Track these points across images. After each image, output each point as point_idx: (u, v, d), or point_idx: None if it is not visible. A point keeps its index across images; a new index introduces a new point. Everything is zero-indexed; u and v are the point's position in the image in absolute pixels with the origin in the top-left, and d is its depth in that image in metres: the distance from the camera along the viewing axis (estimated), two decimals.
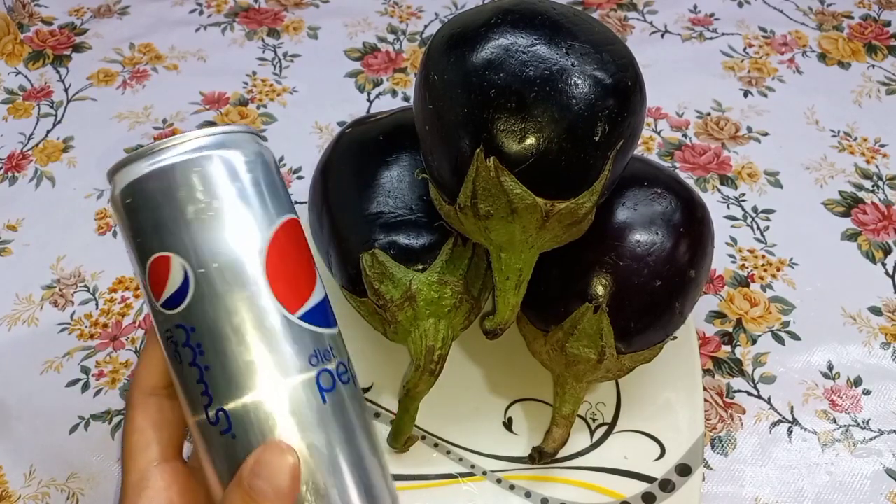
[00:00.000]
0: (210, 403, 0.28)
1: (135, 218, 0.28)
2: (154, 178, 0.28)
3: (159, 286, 0.28)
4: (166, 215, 0.28)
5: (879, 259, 0.55)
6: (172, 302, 0.28)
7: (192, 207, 0.28)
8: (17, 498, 0.45)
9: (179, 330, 0.28)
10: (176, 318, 0.28)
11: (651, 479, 0.43)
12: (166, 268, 0.28)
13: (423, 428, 0.45)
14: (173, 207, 0.28)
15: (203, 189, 0.28)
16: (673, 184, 0.44)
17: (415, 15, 0.75)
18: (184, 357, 0.28)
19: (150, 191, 0.28)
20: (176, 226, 0.28)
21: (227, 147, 0.29)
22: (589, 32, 0.38)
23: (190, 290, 0.28)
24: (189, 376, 0.28)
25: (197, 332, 0.28)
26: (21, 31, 0.72)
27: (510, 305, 0.39)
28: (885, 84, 0.68)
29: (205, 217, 0.28)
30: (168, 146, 0.28)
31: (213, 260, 0.28)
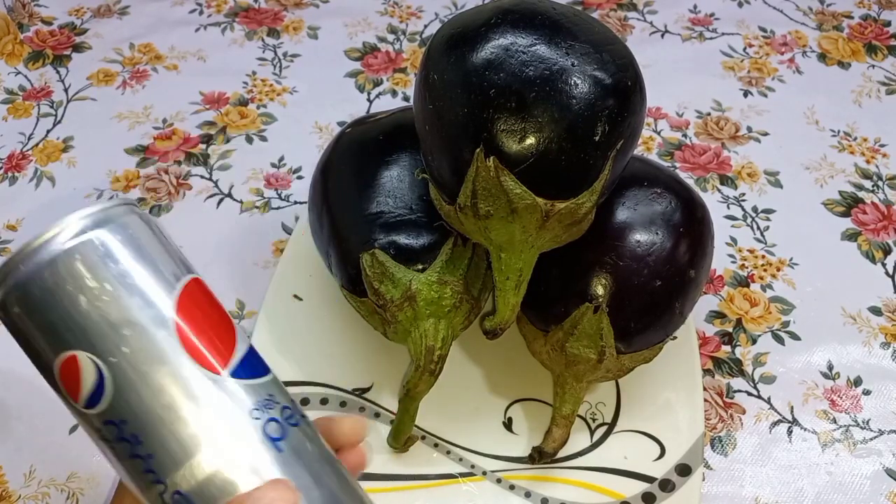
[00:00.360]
0: (165, 490, 0.26)
1: (27, 324, 0.27)
2: (37, 279, 0.26)
3: (74, 387, 0.26)
4: (60, 313, 0.26)
5: (879, 259, 0.55)
6: (93, 400, 0.26)
7: (83, 298, 0.26)
8: (17, 498, 0.45)
9: (109, 426, 0.26)
10: (103, 416, 0.26)
11: (651, 479, 0.43)
12: (76, 367, 0.26)
13: (423, 428, 0.45)
14: (65, 303, 0.26)
15: (90, 276, 0.26)
16: (673, 184, 0.44)
17: (415, 15, 0.75)
18: (121, 452, 0.26)
19: (37, 292, 0.26)
20: (73, 322, 0.26)
21: (104, 225, 0.27)
22: (589, 32, 0.38)
23: (107, 384, 0.26)
24: (133, 469, 0.26)
25: (128, 423, 0.26)
26: (21, 31, 0.72)
27: (510, 305, 0.39)
28: (884, 84, 0.68)
29: (100, 304, 0.26)
30: (42, 241, 0.26)
31: (121, 345, 0.26)
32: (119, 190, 0.60)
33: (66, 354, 0.26)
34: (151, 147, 0.63)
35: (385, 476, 0.43)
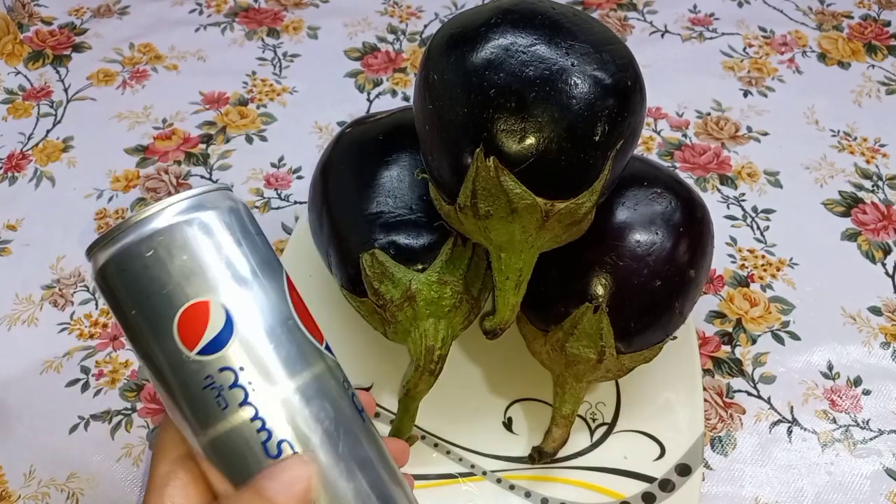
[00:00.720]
0: (269, 438, 0.28)
1: (155, 273, 0.28)
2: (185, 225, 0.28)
3: (194, 335, 0.28)
4: (200, 261, 0.28)
5: (879, 259, 0.55)
6: (215, 346, 0.28)
7: (227, 246, 0.29)
8: (17, 498, 0.45)
9: (225, 373, 0.28)
10: (220, 362, 0.27)
11: (651, 479, 0.43)
12: (204, 313, 0.28)
13: (422, 428, 0.45)
14: (201, 254, 0.28)
15: (231, 232, 0.29)
16: (673, 184, 0.44)
17: (414, 15, 0.75)
18: (231, 400, 0.28)
19: (185, 236, 0.28)
20: (207, 272, 0.28)
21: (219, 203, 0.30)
22: (589, 32, 0.38)
23: (235, 329, 0.28)
24: (238, 418, 0.28)
25: (246, 370, 0.28)
26: (21, 31, 0.72)
27: (510, 305, 0.39)
28: (884, 84, 0.68)
29: (234, 259, 0.29)
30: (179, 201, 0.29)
31: (249, 298, 0.28)
32: (119, 190, 0.60)
33: (194, 301, 0.27)
34: (151, 147, 0.63)
35: None
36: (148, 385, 0.49)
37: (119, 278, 0.28)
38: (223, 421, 0.28)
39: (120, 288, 0.28)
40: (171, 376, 0.28)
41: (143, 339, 0.28)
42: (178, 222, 0.28)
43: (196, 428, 0.28)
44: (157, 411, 0.48)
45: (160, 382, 0.29)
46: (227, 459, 0.28)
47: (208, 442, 0.28)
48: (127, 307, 0.28)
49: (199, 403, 0.28)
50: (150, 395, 0.49)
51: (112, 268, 0.28)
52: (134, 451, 0.47)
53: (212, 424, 0.28)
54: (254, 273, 0.29)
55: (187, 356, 0.27)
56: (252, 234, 0.30)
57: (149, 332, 0.28)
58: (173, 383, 0.28)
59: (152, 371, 0.29)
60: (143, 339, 0.28)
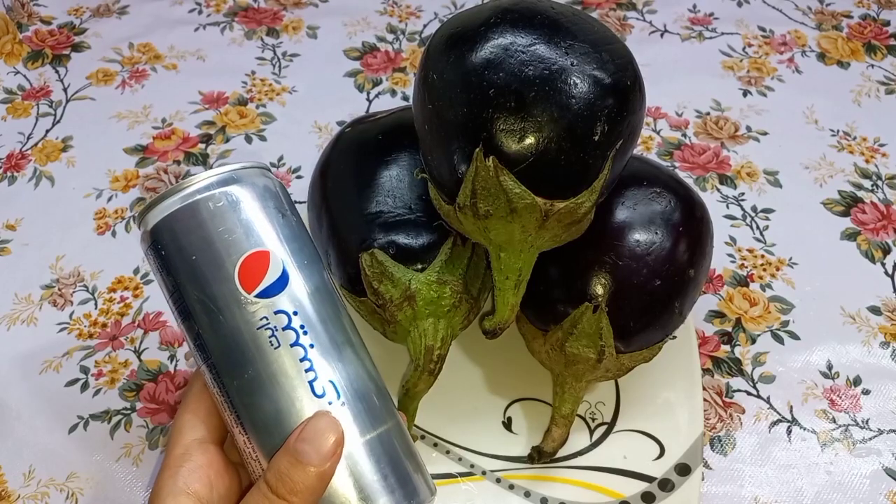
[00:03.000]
0: (316, 378, 0.31)
1: (221, 224, 0.31)
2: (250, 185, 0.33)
3: (254, 279, 0.31)
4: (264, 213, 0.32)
5: (879, 258, 0.55)
6: (272, 290, 0.31)
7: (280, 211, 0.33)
8: (17, 497, 0.45)
9: (280, 315, 0.31)
10: (275, 305, 0.31)
11: (650, 479, 0.43)
12: (264, 261, 0.31)
13: (422, 427, 0.45)
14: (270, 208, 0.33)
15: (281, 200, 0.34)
16: (672, 183, 0.44)
17: (414, 14, 0.75)
18: (283, 340, 0.31)
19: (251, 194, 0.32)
20: (270, 225, 0.32)
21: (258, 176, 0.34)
22: (588, 32, 0.38)
23: (290, 278, 0.31)
24: (289, 357, 0.31)
25: (299, 314, 0.31)
26: (20, 31, 0.72)
27: (509, 305, 0.39)
28: (884, 84, 0.68)
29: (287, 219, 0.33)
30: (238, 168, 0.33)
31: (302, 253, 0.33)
32: (118, 190, 0.60)
33: (257, 250, 0.31)
34: (151, 147, 0.63)
35: None
36: (147, 385, 0.49)
37: (183, 228, 0.32)
38: (275, 360, 0.31)
39: (183, 236, 0.31)
40: (225, 317, 0.31)
41: (201, 284, 0.31)
42: (245, 182, 0.32)
43: (240, 370, 0.31)
44: (156, 411, 0.48)
45: (209, 328, 0.31)
46: (271, 400, 0.31)
47: (252, 382, 0.31)
48: (187, 254, 0.31)
49: (250, 343, 0.31)
50: (150, 395, 0.49)
51: (176, 219, 0.32)
52: (133, 451, 0.47)
53: (262, 362, 0.31)
54: (301, 234, 0.33)
55: (245, 297, 0.31)
56: (292, 205, 0.34)
57: (209, 276, 0.31)
58: (226, 325, 0.31)
59: (204, 317, 0.31)
60: (201, 285, 0.31)
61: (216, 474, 0.32)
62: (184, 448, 0.32)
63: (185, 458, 0.32)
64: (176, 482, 0.31)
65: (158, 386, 0.49)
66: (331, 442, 0.29)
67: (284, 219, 0.33)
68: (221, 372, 0.31)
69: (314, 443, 0.29)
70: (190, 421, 0.33)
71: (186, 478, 0.31)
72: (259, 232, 0.32)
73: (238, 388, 0.31)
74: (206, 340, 0.31)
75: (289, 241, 0.32)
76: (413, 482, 0.32)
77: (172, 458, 0.32)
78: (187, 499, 0.31)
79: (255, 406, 0.31)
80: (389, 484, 0.31)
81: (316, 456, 0.29)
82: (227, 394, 0.31)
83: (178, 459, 0.32)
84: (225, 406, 0.32)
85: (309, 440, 0.29)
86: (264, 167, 0.34)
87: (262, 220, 0.32)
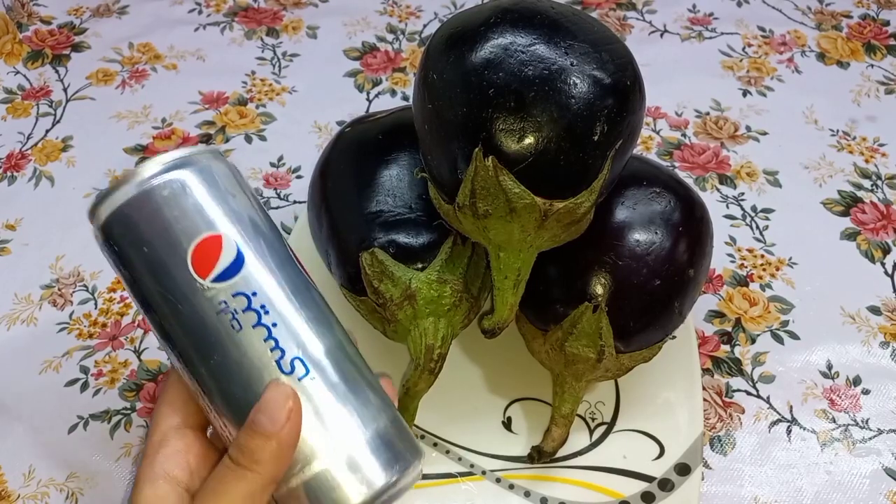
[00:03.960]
0: (283, 356, 0.31)
1: (169, 212, 0.31)
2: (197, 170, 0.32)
3: (208, 264, 0.31)
4: (213, 196, 0.32)
5: (878, 258, 0.55)
6: (227, 274, 0.31)
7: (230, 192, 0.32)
8: (17, 497, 0.45)
9: (239, 297, 0.30)
10: (233, 288, 0.31)
11: (650, 479, 0.43)
12: (216, 245, 0.31)
13: (422, 427, 0.45)
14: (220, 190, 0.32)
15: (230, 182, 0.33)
16: (672, 183, 0.44)
17: (414, 14, 0.75)
18: (245, 322, 0.30)
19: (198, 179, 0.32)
20: (221, 208, 0.32)
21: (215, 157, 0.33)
22: (588, 32, 0.38)
23: (245, 259, 0.31)
24: (253, 339, 0.30)
25: (259, 294, 0.31)
26: (20, 31, 0.72)
27: (508, 305, 0.39)
28: (883, 83, 0.68)
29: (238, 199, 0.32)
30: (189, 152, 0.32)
31: (258, 234, 0.32)
32: None
33: (208, 234, 0.31)
34: (150, 147, 0.63)
35: None
36: (147, 384, 0.49)
37: (133, 220, 0.31)
38: (238, 342, 0.30)
39: (134, 229, 0.31)
40: (184, 306, 0.31)
41: (156, 275, 0.31)
42: (186, 170, 0.32)
43: (206, 356, 0.31)
44: None
45: (170, 318, 0.31)
46: (240, 382, 0.31)
47: (220, 367, 0.31)
48: (139, 246, 0.31)
49: (212, 329, 0.30)
50: (150, 395, 0.49)
51: (126, 211, 0.31)
52: (133, 451, 0.47)
53: (227, 347, 0.30)
54: (256, 213, 0.33)
55: (202, 284, 0.30)
56: (248, 189, 0.34)
57: (162, 266, 0.31)
58: (186, 313, 0.31)
59: (162, 308, 0.31)
60: (155, 276, 0.31)
61: (196, 458, 0.32)
62: (161, 435, 0.32)
63: (162, 444, 0.32)
64: (153, 468, 0.31)
65: (158, 386, 0.49)
66: (285, 410, 0.30)
67: (235, 199, 0.32)
68: (189, 360, 0.31)
69: (268, 412, 0.30)
70: (166, 409, 0.33)
71: (164, 463, 0.31)
72: (209, 216, 0.31)
73: (207, 373, 0.31)
74: (170, 330, 0.31)
75: (241, 222, 0.32)
76: (396, 446, 0.32)
77: (150, 446, 0.32)
78: (165, 483, 0.31)
79: (225, 390, 0.31)
80: (372, 447, 0.31)
81: (271, 425, 0.29)
82: (198, 380, 0.31)
83: (156, 446, 0.32)
84: (198, 392, 0.32)
85: (263, 410, 0.30)
86: (213, 150, 0.34)
87: (212, 203, 0.31)
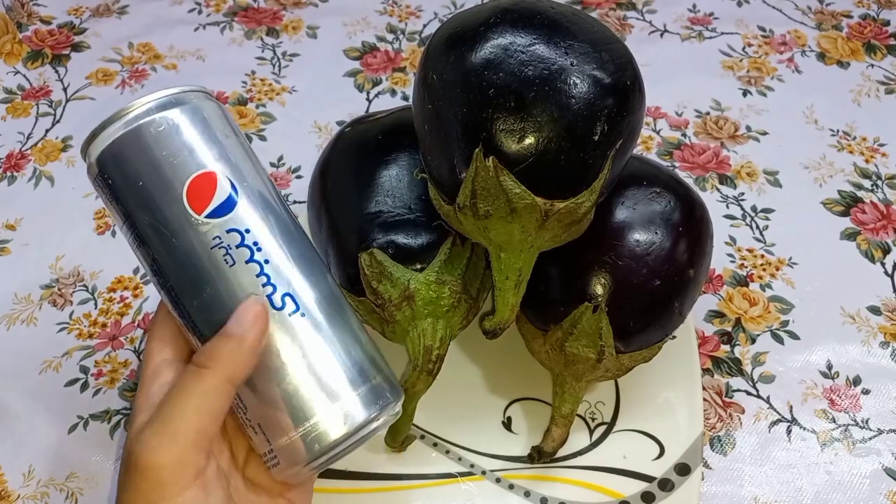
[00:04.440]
0: (274, 291, 0.32)
1: (166, 147, 0.31)
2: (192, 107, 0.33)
3: (203, 200, 0.31)
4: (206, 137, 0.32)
5: (878, 258, 0.55)
6: (222, 210, 0.32)
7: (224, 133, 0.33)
8: (17, 497, 0.45)
9: (232, 234, 0.31)
10: (227, 224, 0.31)
11: (650, 479, 0.43)
12: (211, 182, 0.32)
13: (421, 427, 0.45)
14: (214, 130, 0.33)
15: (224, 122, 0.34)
16: (672, 183, 0.44)
17: (414, 14, 0.75)
18: (238, 258, 0.31)
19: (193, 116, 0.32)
20: (216, 146, 0.32)
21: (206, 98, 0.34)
22: (588, 32, 0.38)
23: (239, 197, 0.32)
24: (246, 274, 0.31)
25: (252, 231, 0.32)
26: (19, 31, 0.72)
27: (509, 305, 0.39)
28: (883, 83, 0.68)
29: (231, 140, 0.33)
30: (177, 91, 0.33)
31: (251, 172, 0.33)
32: None
33: (203, 171, 0.32)
34: None
35: (383, 476, 0.43)
36: None
37: (128, 154, 0.32)
38: (231, 277, 0.31)
39: (129, 163, 0.32)
40: (178, 240, 0.31)
41: (151, 209, 0.31)
42: (184, 106, 0.32)
43: (198, 291, 0.32)
44: None
45: (164, 252, 0.32)
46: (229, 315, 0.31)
47: (211, 300, 0.31)
48: (134, 181, 0.32)
49: (205, 263, 0.31)
50: None
51: (121, 146, 0.32)
52: None
53: (219, 281, 0.31)
54: (248, 153, 0.34)
55: (196, 219, 0.31)
56: (237, 127, 0.34)
57: (158, 200, 0.31)
58: (180, 247, 0.31)
59: (157, 241, 0.32)
60: (151, 209, 0.32)
61: None
62: (153, 368, 0.33)
63: (155, 376, 0.33)
64: (148, 399, 0.32)
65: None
66: (251, 313, 0.31)
67: (228, 140, 0.33)
68: (180, 294, 0.32)
69: (237, 317, 0.31)
70: (157, 345, 0.34)
71: (158, 393, 0.32)
72: (204, 154, 0.32)
73: (197, 307, 0.32)
74: (162, 265, 0.32)
75: (235, 162, 0.33)
76: (378, 384, 0.34)
77: (143, 379, 0.33)
78: None
79: (215, 324, 0.31)
80: (354, 384, 0.32)
81: (238, 326, 0.30)
82: (188, 315, 0.32)
83: (149, 379, 0.33)
84: (188, 329, 0.33)
85: (234, 317, 0.31)
86: (203, 90, 0.34)
87: (206, 141, 0.32)
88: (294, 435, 0.32)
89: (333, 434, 0.32)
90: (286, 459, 0.33)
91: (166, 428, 0.30)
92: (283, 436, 0.32)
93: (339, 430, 0.32)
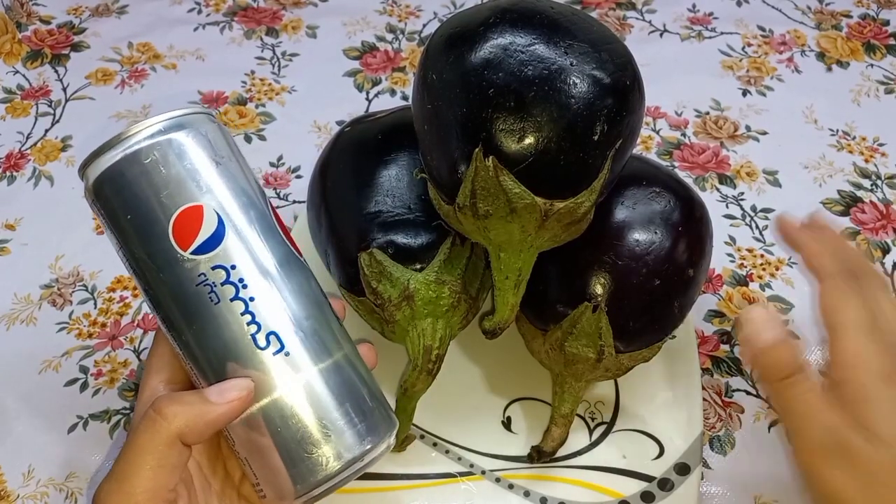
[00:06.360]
0: (259, 330, 0.31)
1: (152, 180, 0.31)
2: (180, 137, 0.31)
3: (188, 236, 0.30)
4: (194, 167, 0.31)
5: (878, 258, 0.55)
6: (207, 246, 0.31)
7: (213, 160, 0.32)
8: (16, 497, 0.45)
9: (217, 270, 0.31)
10: (213, 261, 0.31)
11: (650, 478, 0.43)
12: (198, 216, 0.31)
13: (421, 427, 0.45)
14: (203, 158, 0.32)
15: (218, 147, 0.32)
16: (671, 183, 0.44)
17: (413, 14, 0.75)
18: (223, 295, 0.31)
19: (181, 147, 0.31)
20: (206, 178, 0.31)
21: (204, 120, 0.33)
22: (587, 31, 0.38)
23: (226, 231, 0.31)
24: (230, 312, 0.31)
25: (238, 267, 0.31)
26: (19, 30, 0.72)
27: (509, 305, 0.39)
28: (883, 83, 0.68)
29: (222, 167, 0.32)
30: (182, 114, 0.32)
31: (247, 207, 0.32)
32: None
33: (190, 205, 0.31)
34: None
35: (383, 476, 0.43)
36: None
37: (117, 186, 0.31)
38: (216, 315, 0.31)
39: (118, 195, 0.31)
40: (165, 275, 0.31)
41: (139, 242, 0.31)
42: (173, 134, 0.31)
43: (187, 325, 0.31)
44: None
45: (153, 284, 0.31)
46: (216, 353, 0.31)
47: (199, 336, 0.31)
48: (122, 213, 0.31)
49: (191, 299, 0.31)
50: None
51: (110, 176, 0.31)
52: None
53: (205, 318, 0.31)
54: (243, 180, 0.32)
55: (181, 255, 0.30)
56: (237, 153, 0.33)
57: (145, 235, 0.31)
58: (167, 282, 0.31)
59: (146, 274, 0.31)
60: (139, 243, 0.31)
61: None
62: (151, 390, 0.33)
63: (153, 397, 0.32)
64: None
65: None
66: (235, 392, 0.30)
67: (219, 167, 0.32)
68: (171, 325, 0.32)
69: (221, 388, 0.30)
70: (156, 364, 0.34)
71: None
72: (191, 186, 0.31)
73: (187, 340, 0.32)
74: (152, 296, 0.32)
75: (224, 192, 0.31)
76: (370, 418, 0.33)
77: (141, 401, 0.33)
78: None
79: (203, 357, 0.31)
80: (346, 420, 0.32)
81: (217, 396, 0.30)
82: (180, 344, 0.32)
83: (147, 399, 0.33)
84: (181, 354, 0.32)
85: (219, 386, 0.31)
86: (206, 111, 0.33)
87: (194, 172, 0.31)
88: (282, 472, 0.31)
89: (322, 471, 0.31)
90: (273, 492, 0.32)
91: (122, 486, 0.30)
92: (271, 473, 0.32)
93: (327, 468, 0.31)
